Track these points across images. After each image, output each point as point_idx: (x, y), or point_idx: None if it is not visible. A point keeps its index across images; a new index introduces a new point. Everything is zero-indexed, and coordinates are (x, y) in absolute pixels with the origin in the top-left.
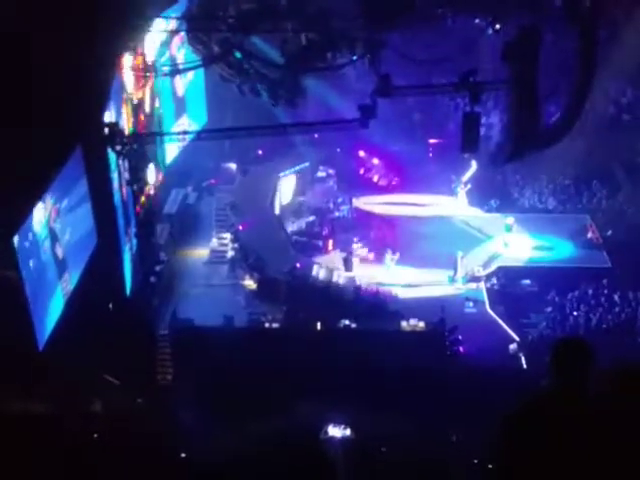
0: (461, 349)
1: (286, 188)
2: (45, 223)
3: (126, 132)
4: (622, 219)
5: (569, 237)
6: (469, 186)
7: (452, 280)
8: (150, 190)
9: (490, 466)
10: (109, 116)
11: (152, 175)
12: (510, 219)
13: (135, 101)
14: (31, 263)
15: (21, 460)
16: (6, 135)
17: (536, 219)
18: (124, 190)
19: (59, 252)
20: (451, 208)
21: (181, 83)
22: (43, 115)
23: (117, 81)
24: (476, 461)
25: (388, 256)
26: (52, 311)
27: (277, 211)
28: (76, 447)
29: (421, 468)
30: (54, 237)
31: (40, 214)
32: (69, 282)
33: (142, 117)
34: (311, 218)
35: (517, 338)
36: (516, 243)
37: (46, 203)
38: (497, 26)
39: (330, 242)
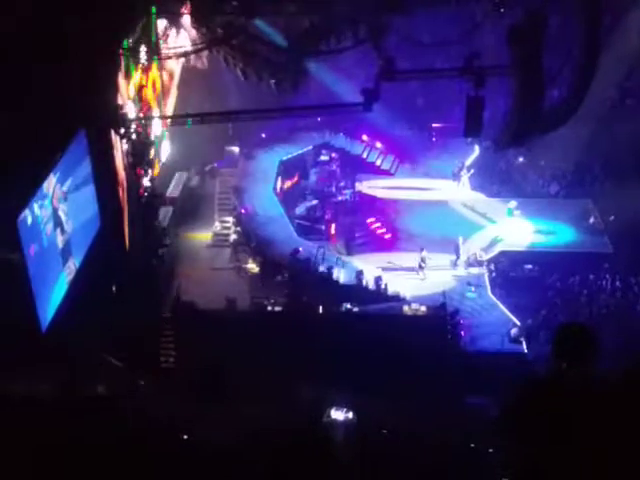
0: (462, 333)
1: None
2: (49, 205)
3: (129, 116)
4: (624, 204)
5: (571, 222)
6: (472, 171)
7: (454, 265)
8: (153, 173)
9: (490, 450)
10: (113, 100)
11: (155, 158)
12: (512, 203)
13: (139, 84)
14: (34, 244)
15: (23, 441)
16: (10, 119)
17: (539, 204)
18: (127, 173)
19: (62, 234)
20: (454, 193)
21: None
22: (47, 99)
23: (121, 65)
24: (473, 445)
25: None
26: (55, 293)
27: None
28: (78, 428)
29: (423, 450)
30: (58, 219)
31: (44, 196)
32: (73, 264)
33: (145, 100)
34: (314, 202)
35: (518, 322)
36: (518, 227)
37: (50, 186)
38: (502, 9)
39: (333, 226)
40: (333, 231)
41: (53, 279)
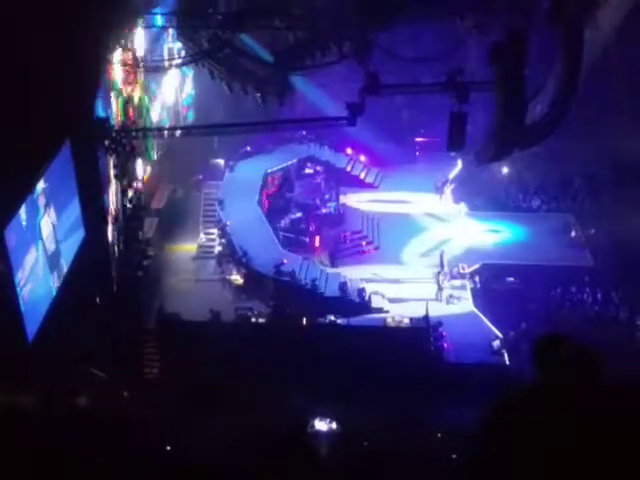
0: (445, 345)
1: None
2: (34, 217)
3: (115, 127)
4: (605, 218)
5: (553, 235)
6: (455, 184)
7: (438, 277)
8: (138, 184)
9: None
10: (99, 111)
11: (140, 170)
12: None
13: (125, 96)
14: (20, 256)
15: (6, 453)
16: None
17: (520, 218)
18: (112, 184)
19: (48, 246)
20: (436, 206)
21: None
22: (32, 110)
23: (107, 76)
24: (455, 456)
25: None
26: (42, 304)
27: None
28: (61, 440)
29: (405, 461)
30: (43, 231)
31: (30, 207)
32: (58, 274)
33: (131, 112)
34: (298, 214)
35: (500, 334)
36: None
37: (35, 197)
38: (484, 27)
39: (317, 238)
40: (317, 243)
41: (39, 290)
